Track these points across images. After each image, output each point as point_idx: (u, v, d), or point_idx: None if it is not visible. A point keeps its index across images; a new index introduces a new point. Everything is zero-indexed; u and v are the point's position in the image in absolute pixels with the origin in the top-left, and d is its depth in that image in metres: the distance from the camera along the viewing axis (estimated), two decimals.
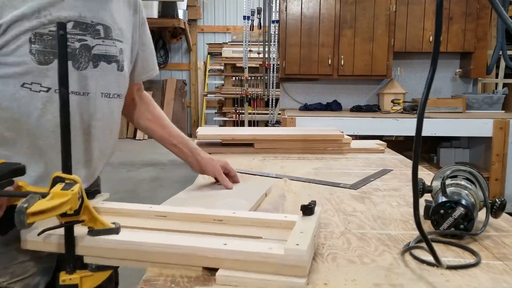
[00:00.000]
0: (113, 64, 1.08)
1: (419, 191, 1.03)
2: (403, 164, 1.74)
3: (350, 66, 4.31)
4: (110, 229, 0.78)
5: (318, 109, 4.44)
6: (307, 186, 1.39)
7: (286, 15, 4.33)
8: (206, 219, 0.89)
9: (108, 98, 1.09)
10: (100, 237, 0.77)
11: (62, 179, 0.72)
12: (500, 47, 4.18)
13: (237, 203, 1.13)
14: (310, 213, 0.86)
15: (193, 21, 8.48)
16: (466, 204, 0.91)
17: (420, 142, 0.63)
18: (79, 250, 0.78)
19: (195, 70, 8.63)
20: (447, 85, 4.61)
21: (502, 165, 3.87)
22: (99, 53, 1.04)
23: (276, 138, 1.99)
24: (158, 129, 1.35)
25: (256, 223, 0.87)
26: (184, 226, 0.88)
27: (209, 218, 0.89)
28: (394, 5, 4.23)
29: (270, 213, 0.95)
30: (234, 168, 1.35)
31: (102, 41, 1.05)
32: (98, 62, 1.04)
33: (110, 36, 1.07)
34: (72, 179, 0.72)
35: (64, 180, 0.72)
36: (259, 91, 6.66)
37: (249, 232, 0.85)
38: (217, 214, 0.89)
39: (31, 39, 0.92)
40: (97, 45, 1.04)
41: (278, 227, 0.85)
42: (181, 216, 0.90)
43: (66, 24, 0.74)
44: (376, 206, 1.18)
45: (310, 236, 0.76)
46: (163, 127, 1.36)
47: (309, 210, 0.86)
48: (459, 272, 0.77)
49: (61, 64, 0.78)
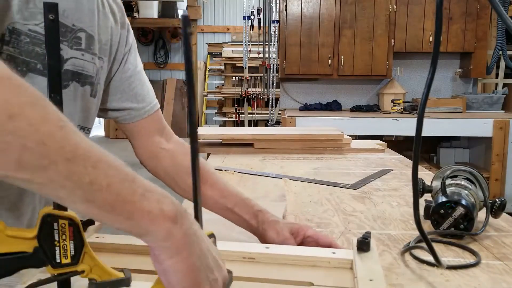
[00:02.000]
0: (87, 87, 0.83)
1: (419, 191, 1.03)
2: (403, 164, 1.74)
3: (350, 66, 4.31)
4: (119, 280, 0.59)
5: (318, 109, 4.44)
6: (307, 186, 1.39)
7: (286, 15, 4.33)
8: (233, 257, 0.72)
9: None
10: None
11: (55, 217, 0.54)
12: (500, 47, 4.18)
13: None
14: (367, 249, 0.72)
15: (193, 21, 8.47)
16: (466, 204, 0.91)
17: (420, 142, 0.63)
18: None
19: (195, 70, 8.63)
20: (447, 85, 4.61)
21: (502, 165, 3.87)
22: (73, 69, 0.79)
23: (276, 138, 1.99)
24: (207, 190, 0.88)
25: (298, 262, 0.70)
26: None
27: (237, 255, 0.72)
28: (394, 5, 4.23)
29: (310, 248, 0.78)
30: (234, 167, 1.30)
31: (81, 54, 0.80)
32: (69, 81, 0.79)
33: (91, 49, 0.82)
34: (68, 216, 0.55)
35: (57, 219, 0.54)
36: (259, 91, 6.66)
37: (292, 274, 0.66)
38: (247, 251, 0.72)
39: (4, 36, 0.67)
40: (72, 58, 0.78)
41: (326, 266, 0.70)
42: None
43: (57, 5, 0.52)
44: (376, 206, 1.18)
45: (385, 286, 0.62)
46: (212, 185, 0.89)
47: (367, 245, 0.72)
48: (459, 272, 0.77)
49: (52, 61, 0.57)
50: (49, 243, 0.53)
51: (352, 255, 0.71)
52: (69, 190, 0.41)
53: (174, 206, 0.45)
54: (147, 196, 0.44)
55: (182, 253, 0.45)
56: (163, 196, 0.46)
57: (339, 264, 0.69)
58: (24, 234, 0.53)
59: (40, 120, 0.39)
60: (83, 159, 0.41)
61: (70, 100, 0.80)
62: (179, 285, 0.46)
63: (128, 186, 0.43)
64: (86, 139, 0.42)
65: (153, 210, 0.43)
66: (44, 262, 0.55)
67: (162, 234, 0.44)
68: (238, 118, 6.98)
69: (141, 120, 0.96)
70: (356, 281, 0.63)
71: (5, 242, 0.52)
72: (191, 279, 0.46)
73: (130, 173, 0.44)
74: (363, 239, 0.72)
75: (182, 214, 0.46)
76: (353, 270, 0.68)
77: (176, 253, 0.45)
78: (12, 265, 0.53)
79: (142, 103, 0.96)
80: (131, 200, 0.43)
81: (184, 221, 0.46)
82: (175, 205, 0.46)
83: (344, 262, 0.69)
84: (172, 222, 0.44)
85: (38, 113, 0.39)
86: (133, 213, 0.43)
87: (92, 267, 0.57)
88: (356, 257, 0.70)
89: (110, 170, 0.42)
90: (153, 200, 0.44)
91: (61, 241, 0.54)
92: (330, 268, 0.69)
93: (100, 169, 0.41)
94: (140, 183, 0.44)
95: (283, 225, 0.81)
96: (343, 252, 0.73)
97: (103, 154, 0.43)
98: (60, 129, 0.40)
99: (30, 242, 0.53)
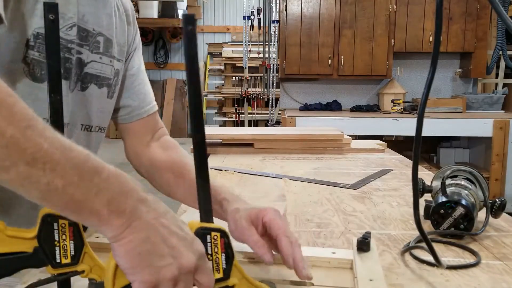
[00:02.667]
0: (104, 88, 0.86)
1: (419, 191, 1.03)
2: (403, 164, 1.74)
3: (350, 66, 4.31)
4: None
5: (318, 109, 4.44)
6: (307, 186, 1.39)
7: (286, 15, 4.33)
8: None
9: (88, 131, 0.87)
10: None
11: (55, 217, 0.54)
12: (500, 47, 4.18)
13: None
14: (367, 248, 0.72)
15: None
16: (466, 204, 0.91)
17: (420, 142, 0.63)
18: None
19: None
20: (447, 85, 4.61)
21: (502, 165, 3.87)
22: (92, 72, 0.82)
23: (276, 138, 1.99)
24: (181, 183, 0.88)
25: None
26: None
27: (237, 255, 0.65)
28: (394, 5, 4.23)
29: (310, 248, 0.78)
30: (234, 168, 1.30)
31: (99, 57, 0.83)
32: (88, 84, 0.82)
33: (109, 52, 0.85)
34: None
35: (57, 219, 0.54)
36: (259, 91, 6.66)
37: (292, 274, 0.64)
38: (247, 250, 0.69)
39: (29, 42, 0.69)
40: (92, 62, 0.82)
41: (327, 266, 0.69)
42: None
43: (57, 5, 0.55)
44: (376, 206, 1.18)
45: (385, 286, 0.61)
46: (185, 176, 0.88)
47: (367, 245, 0.72)
48: (459, 272, 0.77)
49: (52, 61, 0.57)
50: (49, 243, 0.53)
51: (352, 255, 0.71)
52: (27, 190, 0.44)
53: (126, 205, 0.47)
54: (99, 196, 0.46)
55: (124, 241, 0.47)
56: (120, 194, 0.47)
57: (339, 264, 0.69)
58: (24, 234, 0.53)
59: (5, 123, 0.41)
60: (43, 162, 0.43)
61: (88, 102, 0.84)
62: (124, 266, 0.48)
63: (84, 186, 0.45)
64: (52, 138, 0.44)
65: (101, 210, 0.46)
66: (44, 262, 0.54)
67: (109, 232, 0.47)
68: (238, 118, 6.98)
69: (140, 120, 0.97)
70: (356, 281, 0.63)
71: (5, 242, 0.52)
72: (132, 263, 0.48)
73: (91, 172, 0.46)
74: (363, 239, 0.73)
75: (135, 210, 0.48)
76: (353, 270, 0.68)
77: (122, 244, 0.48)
78: (12, 265, 0.53)
79: (143, 102, 0.98)
80: (82, 200, 0.45)
81: (137, 216, 0.48)
82: (129, 203, 0.48)
83: (344, 262, 0.69)
84: (119, 220, 0.47)
85: (3, 115, 0.42)
86: (82, 213, 0.46)
87: (92, 267, 0.56)
88: (356, 257, 0.70)
89: (69, 171, 0.44)
90: (104, 200, 0.46)
91: (61, 241, 0.54)
92: (330, 268, 0.69)
93: (58, 171, 0.44)
94: (97, 181, 0.46)
95: (242, 212, 0.72)
96: (343, 252, 0.73)
97: (66, 154, 0.45)
98: (25, 131, 0.42)
99: (30, 242, 0.53)
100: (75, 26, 0.77)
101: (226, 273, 0.54)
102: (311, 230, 0.99)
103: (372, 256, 0.71)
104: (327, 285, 0.65)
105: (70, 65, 0.77)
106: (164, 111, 8.32)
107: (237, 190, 1.32)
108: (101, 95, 0.86)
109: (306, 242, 0.91)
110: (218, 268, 0.54)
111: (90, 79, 0.82)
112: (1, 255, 0.53)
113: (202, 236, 0.53)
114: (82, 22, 0.78)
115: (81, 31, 0.78)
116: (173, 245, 0.49)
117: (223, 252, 0.54)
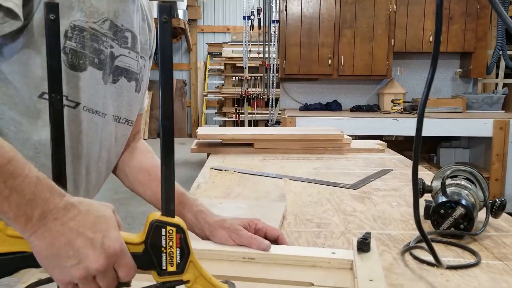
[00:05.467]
0: (133, 82, 0.89)
1: (419, 191, 1.03)
2: (403, 164, 1.74)
3: (350, 66, 4.31)
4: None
5: (318, 109, 4.44)
6: (307, 186, 1.39)
7: (286, 15, 4.33)
8: (233, 257, 0.71)
9: (117, 122, 0.89)
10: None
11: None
12: (500, 47, 4.18)
13: None
14: (367, 249, 0.72)
15: (193, 21, 8.48)
16: (466, 204, 0.91)
17: (420, 142, 0.63)
18: None
19: (195, 70, 8.63)
20: (447, 85, 4.61)
21: (502, 165, 3.87)
22: (122, 65, 0.85)
23: (276, 138, 1.99)
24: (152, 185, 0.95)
25: (298, 262, 0.69)
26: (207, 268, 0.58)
27: (238, 255, 0.71)
28: (394, 5, 4.23)
29: (310, 248, 0.79)
30: (234, 167, 1.31)
31: (128, 51, 0.86)
32: (119, 77, 0.86)
33: (135, 47, 0.88)
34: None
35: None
36: (259, 91, 6.66)
37: (292, 275, 0.65)
38: (247, 251, 0.70)
39: (67, 33, 0.73)
40: (121, 56, 0.85)
41: (327, 266, 0.69)
42: (202, 253, 0.70)
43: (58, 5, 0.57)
44: (376, 206, 1.18)
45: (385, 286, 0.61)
46: None
47: (367, 246, 0.72)
48: (459, 272, 0.77)
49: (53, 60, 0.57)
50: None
51: (352, 256, 0.71)
52: None
53: (33, 213, 0.51)
54: (9, 200, 0.51)
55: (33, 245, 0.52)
56: (30, 201, 0.51)
57: (339, 264, 0.69)
58: None
59: None
60: None
61: (118, 94, 0.86)
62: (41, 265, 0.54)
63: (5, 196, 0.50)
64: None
65: (8, 213, 0.51)
66: None
67: (20, 232, 0.52)
68: (238, 118, 6.98)
69: None
70: (356, 282, 0.63)
71: (5, 242, 0.53)
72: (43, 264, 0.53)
73: (7, 175, 0.50)
74: (363, 239, 0.73)
75: (42, 219, 0.52)
76: (353, 270, 0.68)
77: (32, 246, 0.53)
78: (13, 265, 0.54)
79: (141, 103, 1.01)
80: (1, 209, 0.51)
81: (43, 224, 0.52)
82: (37, 212, 0.51)
83: (344, 262, 0.69)
84: (26, 225, 0.51)
85: None
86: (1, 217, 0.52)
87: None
88: (356, 258, 0.70)
89: None
90: (12, 205, 0.50)
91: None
92: (330, 268, 0.69)
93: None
94: (11, 185, 0.50)
95: (232, 221, 0.80)
96: (343, 252, 0.73)
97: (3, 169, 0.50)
98: None
99: None
100: (108, 21, 0.80)
101: (180, 267, 0.54)
102: (311, 230, 0.99)
103: (372, 256, 0.71)
104: (327, 285, 0.65)
105: (104, 57, 0.80)
106: None
107: (237, 190, 1.32)
108: (130, 88, 0.89)
109: (306, 242, 0.91)
110: (172, 262, 0.54)
111: (120, 72, 0.85)
112: (2, 255, 0.53)
113: (157, 228, 0.54)
114: (113, 18, 0.81)
115: (112, 26, 0.81)
116: (78, 247, 0.52)
117: (178, 247, 0.54)
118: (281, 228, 1.00)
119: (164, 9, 0.52)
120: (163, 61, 0.53)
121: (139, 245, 0.54)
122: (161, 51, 0.53)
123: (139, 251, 0.54)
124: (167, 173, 0.54)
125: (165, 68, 0.53)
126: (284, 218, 1.07)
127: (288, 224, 1.03)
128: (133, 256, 0.54)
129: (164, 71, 0.53)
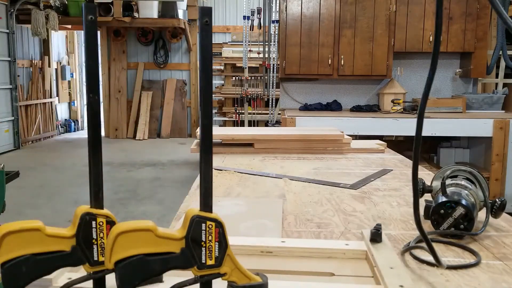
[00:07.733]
0: None
1: (419, 191, 1.03)
2: (403, 164, 1.74)
3: (350, 66, 4.31)
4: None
5: (318, 109, 4.44)
6: (307, 186, 1.39)
7: (286, 15, 4.33)
8: (251, 251, 0.73)
9: None
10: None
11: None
12: (500, 47, 4.18)
13: (263, 225, 1.00)
14: (380, 239, 0.75)
15: (193, 21, 8.48)
16: (466, 204, 0.91)
17: (420, 142, 0.63)
18: None
19: (195, 70, 8.63)
20: (447, 85, 4.61)
21: (502, 165, 3.87)
22: None
23: (276, 138, 1.99)
24: None
25: (314, 254, 0.71)
26: None
27: (255, 250, 0.73)
28: (394, 5, 4.23)
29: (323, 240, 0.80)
30: (234, 167, 1.32)
31: None
32: None
33: None
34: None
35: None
36: (259, 91, 6.66)
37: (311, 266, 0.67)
38: (264, 245, 0.72)
39: None
40: None
41: (342, 257, 0.71)
42: None
43: (96, 6, 0.55)
44: (376, 206, 1.18)
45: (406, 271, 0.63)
46: None
47: (379, 236, 0.75)
48: (459, 272, 0.77)
49: (91, 61, 0.57)
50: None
51: (364, 246, 0.73)
52: None
53: None
54: None
55: None
56: None
57: (354, 254, 0.72)
58: (62, 233, 0.54)
59: None
60: None
61: None
62: None
63: None
64: None
65: None
66: (81, 261, 0.55)
67: None
68: (238, 118, 6.98)
69: None
70: (378, 270, 0.64)
71: (44, 241, 0.54)
72: None
73: None
74: (376, 230, 0.75)
75: None
76: (370, 259, 0.70)
77: None
78: (52, 264, 0.55)
79: None
80: None
81: None
82: None
83: (358, 252, 0.72)
84: None
85: None
86: None
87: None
88: (371, 248, 0.71)
89: None
90: None
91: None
92: (345, 259, 0.71)
93: None
94: None
95: None
96: (355, 243, 0.75)
97: None
98: None
99: (68, 240, 0.54)
100: None
101: (218, 260, 0.56)
102: (311, 230, 0.99)
103: (385, 246, 0.73)
104: (346, 274, 0.67)
105: None
106: (164, 111, 8.32)
107: (237, 190, 1.32)
108: None
109: None
110: (211, 255, 0.55)
111: None
112: (41, 254, 0.54)
113: (197, 223, 0.55)
114: None
115: None
116: None
117: (217, 241, 0.55)
118: (281, 226, 1.00)
119: (206, 12, 0.53)
120: (204, 62, 0.54)
121: (180, 241, 0.55)
122: (202, 52, 0.54)
123: (176, 251, 0.55)
124: (206, 169, 0.55)
125: (205, 68, 0.54)
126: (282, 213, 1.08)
127: (288, 224, 1.03)
128: (171, 258, 0.55)
129: (205, 72, 0.54)
